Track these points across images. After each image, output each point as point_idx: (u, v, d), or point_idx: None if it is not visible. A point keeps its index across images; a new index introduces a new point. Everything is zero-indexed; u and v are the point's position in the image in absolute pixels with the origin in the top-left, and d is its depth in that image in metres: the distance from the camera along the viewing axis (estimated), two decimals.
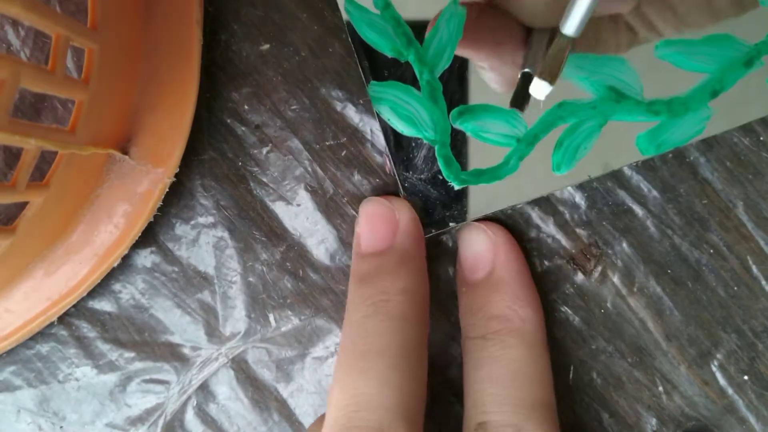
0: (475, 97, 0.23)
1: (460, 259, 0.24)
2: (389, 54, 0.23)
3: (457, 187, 0.23)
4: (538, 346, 0.22)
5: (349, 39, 0.23)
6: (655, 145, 0.22)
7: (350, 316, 0.22)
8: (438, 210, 0.24)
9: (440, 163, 0.23)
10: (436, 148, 0.23)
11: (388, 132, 0.23)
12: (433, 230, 0.24)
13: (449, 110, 0.23)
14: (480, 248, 0.23)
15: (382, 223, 0.23)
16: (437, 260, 0.25)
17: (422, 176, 0.23)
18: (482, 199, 0.23)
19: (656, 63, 0.22)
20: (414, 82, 0.23)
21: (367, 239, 0.23)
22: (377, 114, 0.23)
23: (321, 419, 0.24)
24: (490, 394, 0.21)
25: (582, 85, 0.22)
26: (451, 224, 0.24)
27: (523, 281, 0.23)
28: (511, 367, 0.21)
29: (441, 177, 0.23)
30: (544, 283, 0.24)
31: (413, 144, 0.23)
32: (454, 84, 0.23)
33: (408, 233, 0.23)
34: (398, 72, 0.23)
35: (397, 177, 0.24)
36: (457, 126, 0.23)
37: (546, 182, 0.23)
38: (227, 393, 0.26)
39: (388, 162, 0.24)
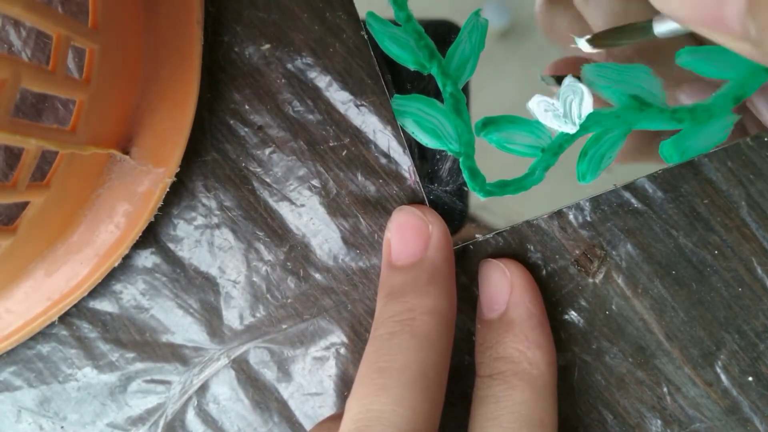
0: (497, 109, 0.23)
1: (479, 295, 0.24)
2: (412, 67, 0.23)
3: (482, 199, 0.23)
4: (543, 391, 0.21)
5: (372, 53, 0.23)
6: (679, 152, 0.22)
7: (375, 331, 0.22)
8: (464, 222, 0.24)
9: (465, 175, 0.23)
10: (460, 160, 0.23)
11: (413, 145, 0.23)
12: (459, 242, 0.24)
13: (473, 122, 0.23)
14: (495, 287, 0.23)
15: (414, 234, 0.23)
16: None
17: (447, 188, 0.23)
18: (507, 210, 0.23)
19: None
20: (437, 94, 0.23)
21: (398, 250, 0.23)
22: (401, 127, 0.23)
23: (327, 420, 0.24)
24: None
25: (605, 94, 0.22)
26: (477, 236, 0.24)
27: (533, 323, 0.22)
28: (512, 408, 0.21)
29: (466, 189, 0.23)
30: (548, 285, 0.24)
31: (438, 156, 0.23)
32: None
33: (439, 248, 0.22)
34: (421, 85, 0.23)
35: (422, 189, 0.24)
36: (482, 137, 0.23)
37: (571, 192, 0.23)
38: (228, 393, 0.26)
39: (412, 175, 0.24)
